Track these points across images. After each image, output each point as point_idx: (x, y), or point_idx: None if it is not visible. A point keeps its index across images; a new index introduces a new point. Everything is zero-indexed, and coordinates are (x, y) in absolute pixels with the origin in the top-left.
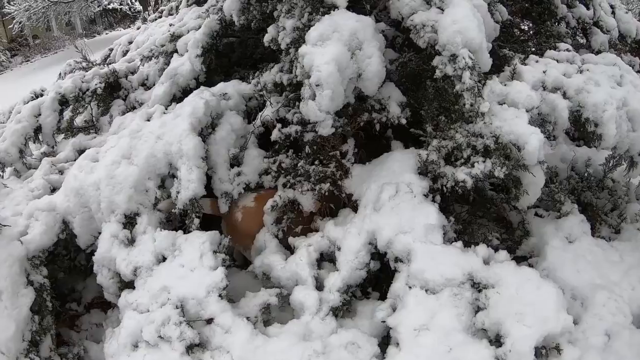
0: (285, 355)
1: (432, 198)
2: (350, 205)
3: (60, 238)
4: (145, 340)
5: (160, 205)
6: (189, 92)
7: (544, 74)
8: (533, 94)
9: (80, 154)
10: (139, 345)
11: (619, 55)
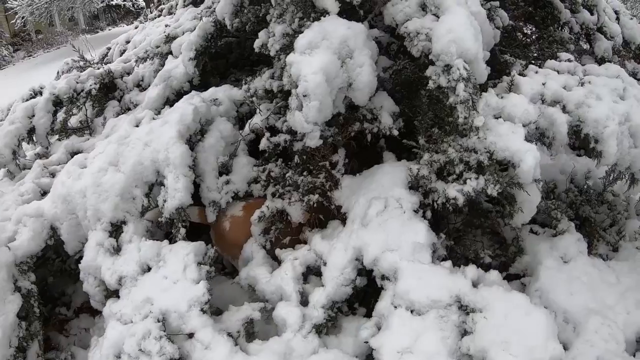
0: None
1: (423, 214)
2: (339, 217)
3: (49, 244)
4: (127, 353)
5: (147, 214)
6: (183, 95)
7: (543, 86)
8: (530, 108)
9: (73, 156)
10: (121, 357)
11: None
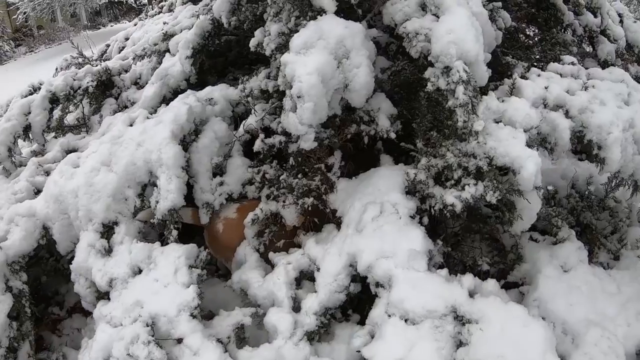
0: None
1: (420, 220)
2: (334, 221)
3: (41, 244)
4: (116, 357)
5: (140, 215)
6: (180, 93)
7: (546, 90)
8: (532, 112)
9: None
10: None
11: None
